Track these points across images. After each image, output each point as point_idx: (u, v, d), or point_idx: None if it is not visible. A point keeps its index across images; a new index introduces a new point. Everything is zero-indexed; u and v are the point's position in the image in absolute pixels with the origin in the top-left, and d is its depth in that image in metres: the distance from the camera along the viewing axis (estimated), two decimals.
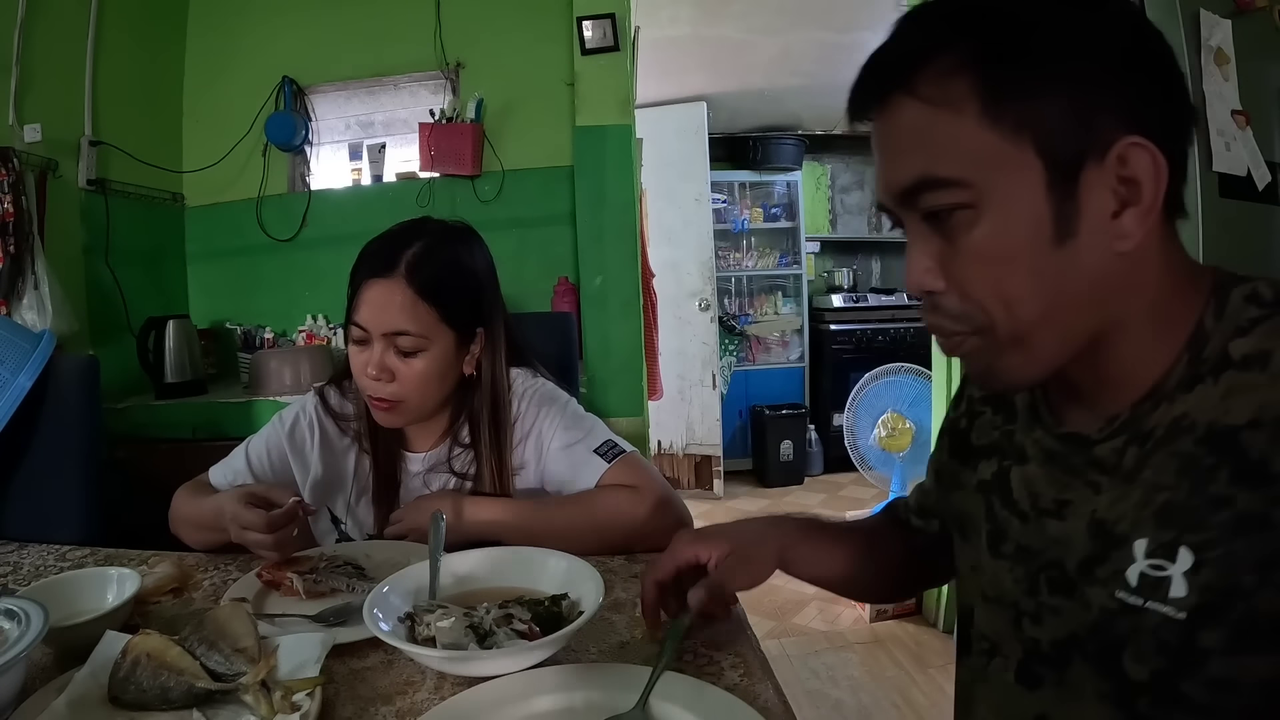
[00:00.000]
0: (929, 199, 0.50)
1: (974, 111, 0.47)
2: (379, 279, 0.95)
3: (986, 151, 0.47)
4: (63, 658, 0.70)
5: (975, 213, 0.49)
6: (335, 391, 1.10)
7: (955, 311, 0.52)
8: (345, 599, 0.81)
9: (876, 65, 0.51)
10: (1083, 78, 0.47)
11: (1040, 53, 0.46)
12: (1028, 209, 0.48)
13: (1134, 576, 0.49)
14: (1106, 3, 0.49)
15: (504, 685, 0.63)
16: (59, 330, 1.85)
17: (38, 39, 2.07)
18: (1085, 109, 0.47)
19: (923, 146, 0.49)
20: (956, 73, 0.47)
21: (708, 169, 4.35)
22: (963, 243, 0.50)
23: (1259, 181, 1.66)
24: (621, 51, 2.42)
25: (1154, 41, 0.50)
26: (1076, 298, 0.50)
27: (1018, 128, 0.47)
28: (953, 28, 0.49)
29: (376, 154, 2.67)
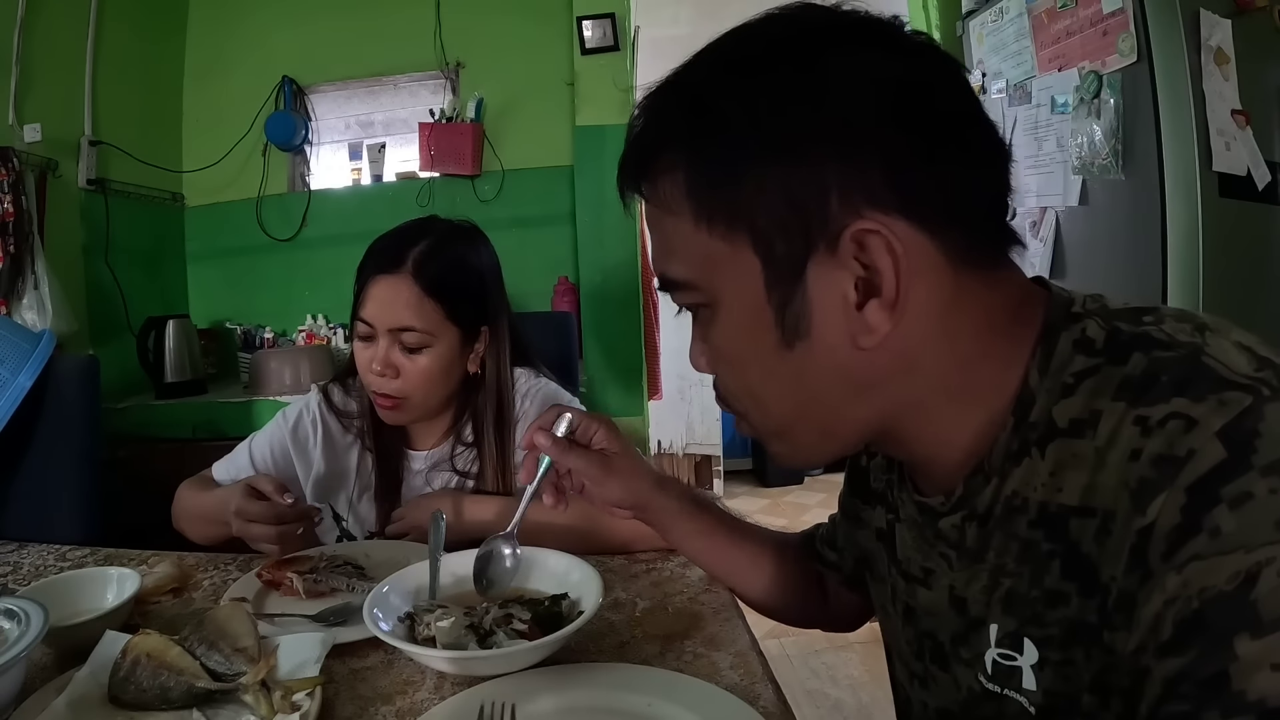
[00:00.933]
0: (675, 297, 0.49)
1: (689, 213, 0.44)
2: (386, 275, 0.96)
3: (705, 253, 0.44)
4: (63, 658, 0.70)
5: (711, 311, 0.47)
6: (339, 389, 1.10)
7: (724, 393, 0.51)
8: (345, 599, 0.81)
9: (623, 162, 0.49)
10: (800, 160, 0.41)
11: (741, 144, 0.42)
12: (750, 312, 0.44)
13: (989, 663, 0.46)
14: (841, 53, 0.42)
15: (504, 685, 0.63)
16: (59, 330, 1.85)
17: (38, 39, 2.08)
18: (805, 194, 0.41)
19: (657, 245, 0.49)
20: (671, 173, 0.45)
21: None
22: (707, 337, 0.49)
23: (1259, 181, 1.66)
24: (621, 51, 2.42)
25: (916, 77, 0.42)
26: (827, 396, 0.46)
27: (731, 226, 0.43)
28: (666, 123, 0.46)
29: (376, 154, 2.67)
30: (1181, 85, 1.61)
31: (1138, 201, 1.68)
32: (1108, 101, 1.72)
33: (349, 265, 1.00)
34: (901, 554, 0.55)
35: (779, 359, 0.45)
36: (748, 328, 0.45)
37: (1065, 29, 1.87)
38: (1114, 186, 1.75)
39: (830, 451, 0.50)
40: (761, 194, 0.42)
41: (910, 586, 0.54)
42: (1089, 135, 1.78)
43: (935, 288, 0.43)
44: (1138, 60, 1.66)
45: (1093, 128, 1.77)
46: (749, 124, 0.42)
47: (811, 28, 0.44)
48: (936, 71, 0.44)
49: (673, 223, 0.46)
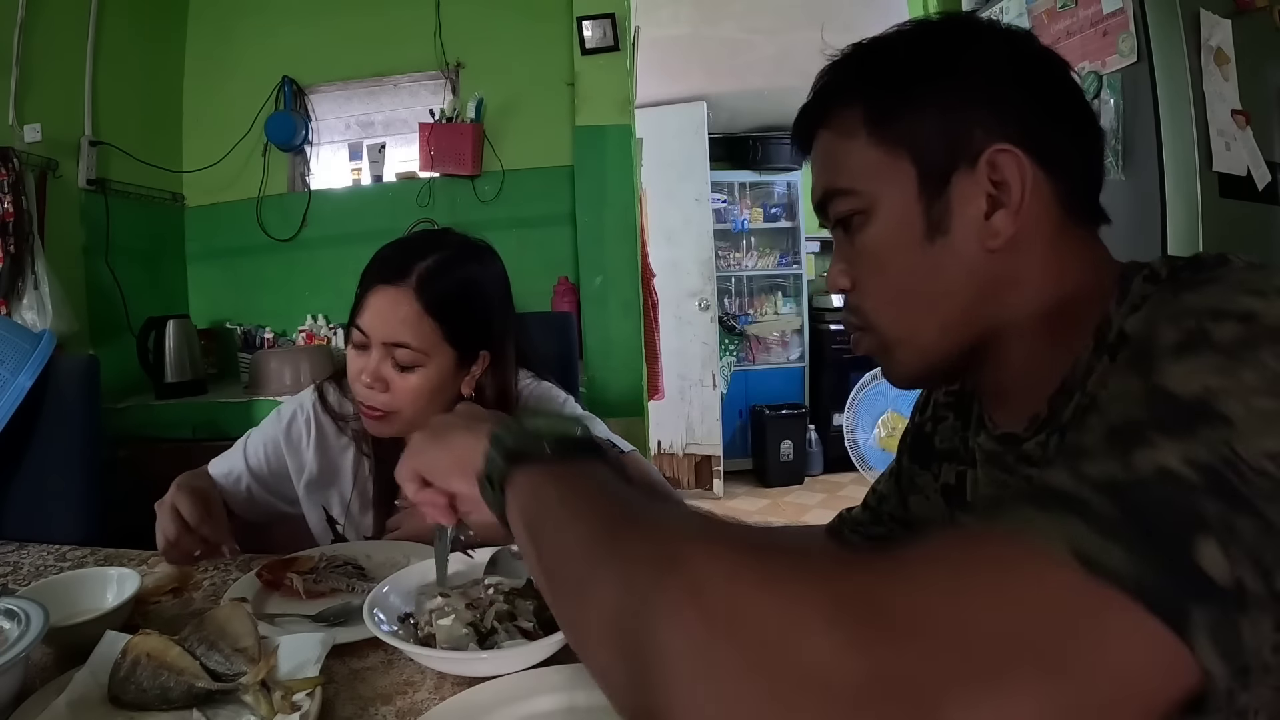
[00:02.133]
0: (833, 207, 0.58)
1: (863, 134, 0.56)
2: (388, 286, 0.92)
3: (872, 165, 0.56)
4: (63, 658, 0.70)
5: (866, 216, 0.56)
6: (335, 389, 1.08)
7: (853, 306, 0.59)
8: (345, 599, 0.81)
9: (804, 111, 0.61)
10: (951, 98, 0.54)
11: (911, 82, 0.55)
12: (903, 210, 0.55)
13: None
14: (979, 39, 0.56)
15: (504, 685, 0.63)
16: (59, 330, 1.85)
17: (38, 39, 2.08)
18: (954, 124, 0.53)
19: (829, 167, 0.59)
20: (851, 105, 0.57)
21: (708, 169, 4.34)
22: (858, 243, 0.57)
23: (1259, 181, 1.66)
24: (621, 51, 2.42)
25: (1037, 64, 0.56)
26: (952, 292, 0.55)
27: (896, 143, 0.55)
28: (849, 71, 0.59)
29: (376, 154, 2.67)
30: (1181, 85, 1.61)
31: (1138, 201, 1.68)
32: (1108, 101, 1.72)
33: (349, 265, 0.99)
34: (971, 496, 0.64)
35: (921, 253, 0.54)
36: (898, 224, 0.55)
37: (1065, 29, 1.87)
38: (1114, 186, 1.75)
39: (942, 361, 0.57)
40: (922, 118, 0.54)
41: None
42: None
43: (1045, 220, 0.53)
44: (1138, 60, 1.66)
45: None
46: (917, 68, 0.55)
47: (965, 19, 0.60)
48: (1056, 63, 0.56)
49: (846, 145, 0.57)
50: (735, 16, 3.29)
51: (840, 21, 3.32)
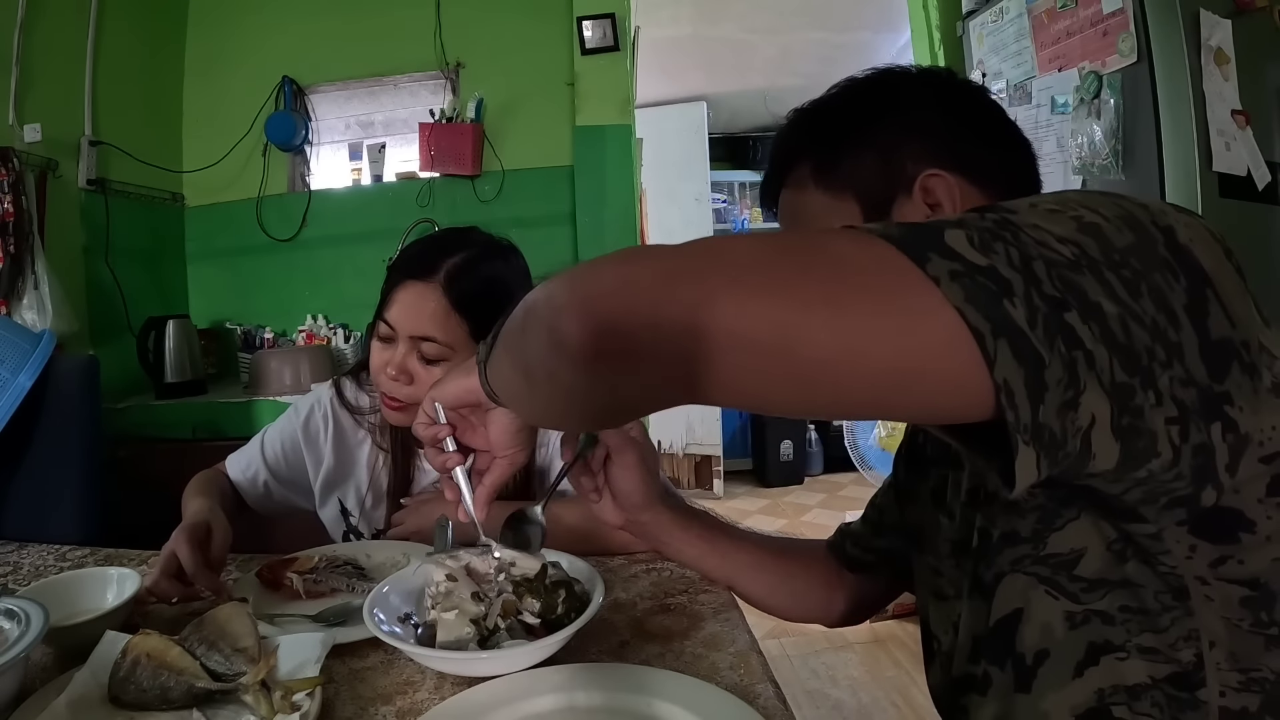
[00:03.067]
0: None
1: (811, 185, 0.63)
2: (416, 281, 0.94)
3: (822, 209, 0.62)
4: (63, 658, 0.70)
5: None
6: (352, 384, 1.10)
7: None
8: (345, 599, 0.81)
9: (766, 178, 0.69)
10: (882, 138, 0.61)
11: (846, 132, 0.62)
12: None
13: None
14: (901, 83, 0.64)
15: (504, 685, 0.63)
16: (59, 330, 1.85)
17: (38, 39, 2.07)
18: (888, 160, 0.60)
19: (789, 219, 0.66)
20: (801, 163, 0.64)
21: (708, 169, 4.34)
22: None
23: (1259, 181, 1.66)
24: (621, 51, 2.42)
25: (957, 95, 0.63)
26: None
27: (841, 188, 0.61)
28: (797, 134, 0.66)
29: (376, 154, 2.67)
30: (1181, 85, 1.61)
31: None
32: (1108, 102, 1.72)
33: (349, 265, 1.01)
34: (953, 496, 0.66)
35: None
36: None
37: (1065, 29, 1.87)
38: (1114, 187, 1.75)
39: None
40: (860, 160, 0.61)
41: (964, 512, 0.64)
42: (1089, 135, 1.78)
43: None
44: (1138, 60, 1.66)
45: (1093, 128, 1.77)
46: (849, 119, 0.63)
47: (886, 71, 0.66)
48: (975, 90, 0.64)
49: (801, 198, 0.64)
50: (735, 16, 3.29)
51: (840, 21, 3.33)
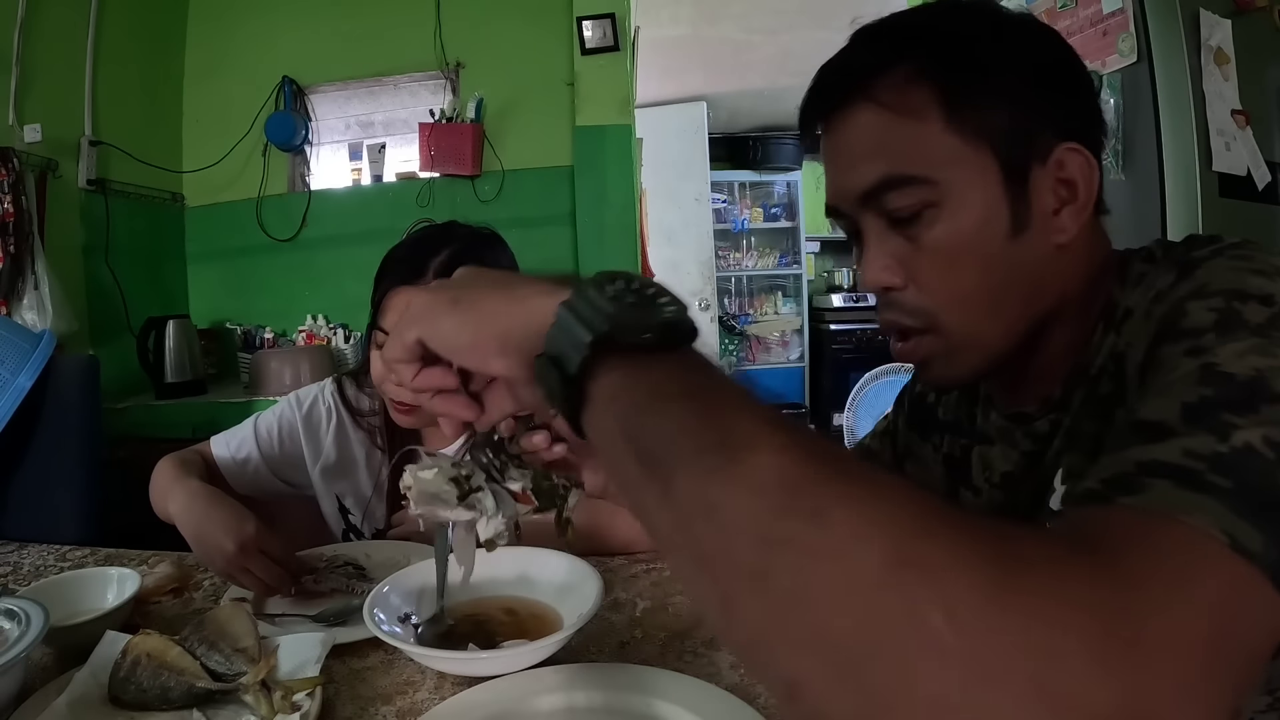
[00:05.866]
0: (894, 198, 0.53)
1: (937, 117, 0.52)
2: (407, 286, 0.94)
3: (949, 153, 0.52)
4: (63, 658, 0.70)
5: (937, 210, 0.52)
6: (352, 384, 1.10)
7: (911, 307, 0.55)
8: (345, 599, 0.81)
9: (835, 76, 0.56)
10: (1023, 90, 0.52)
11: (986, 67, 0.52)
12: (987, 205, 0.52)
13: (1056, 502, 0.55)
14: (1028, 25, 0.56)
15: (504, 685, 0.62)
16: (59, 330, 1.85)
17: (38, 39, 2.07)
18: (1027, 118, 0.52)
19: (885, 149, 0.53)
20: (915, 82, 0.52)
21: (708, 169, 4.35)
22: (925, 239, 0.53)
23: (1259, 181, 1.66)
24: (621, 51, 2.42)
25: (1074, 58, 0.56)
26: (1022, 290, 0.54)
27: (976, 133, 0.52)
28: (907, 41, 0.54)
29: (376, 154, 2.67)
30: (1181, 85, 1.61)
31: (1138, 201, 1.68)
32: (1108, 101, 1.72)
33: (349, 265, 1.01)
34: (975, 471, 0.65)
35: (1002, 249, 0.53)
36: (981, 220, 0.52)
37: (1065, 29, 1.87)
38: (1114, 186, 1.75)
39: (999, 358, 0.56)
40: (1000, 109, 0.52)
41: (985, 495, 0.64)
42: None
43: (1090, 214, 0.55)
44: (1138, 60, 1.66)
45: None
46: (997, 56, 0.53)
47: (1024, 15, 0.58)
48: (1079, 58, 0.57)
49: (914, 128, 0.52)
50: (735, 16, 3.29)
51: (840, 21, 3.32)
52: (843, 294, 4.86)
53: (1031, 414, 0.59)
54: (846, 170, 0.55)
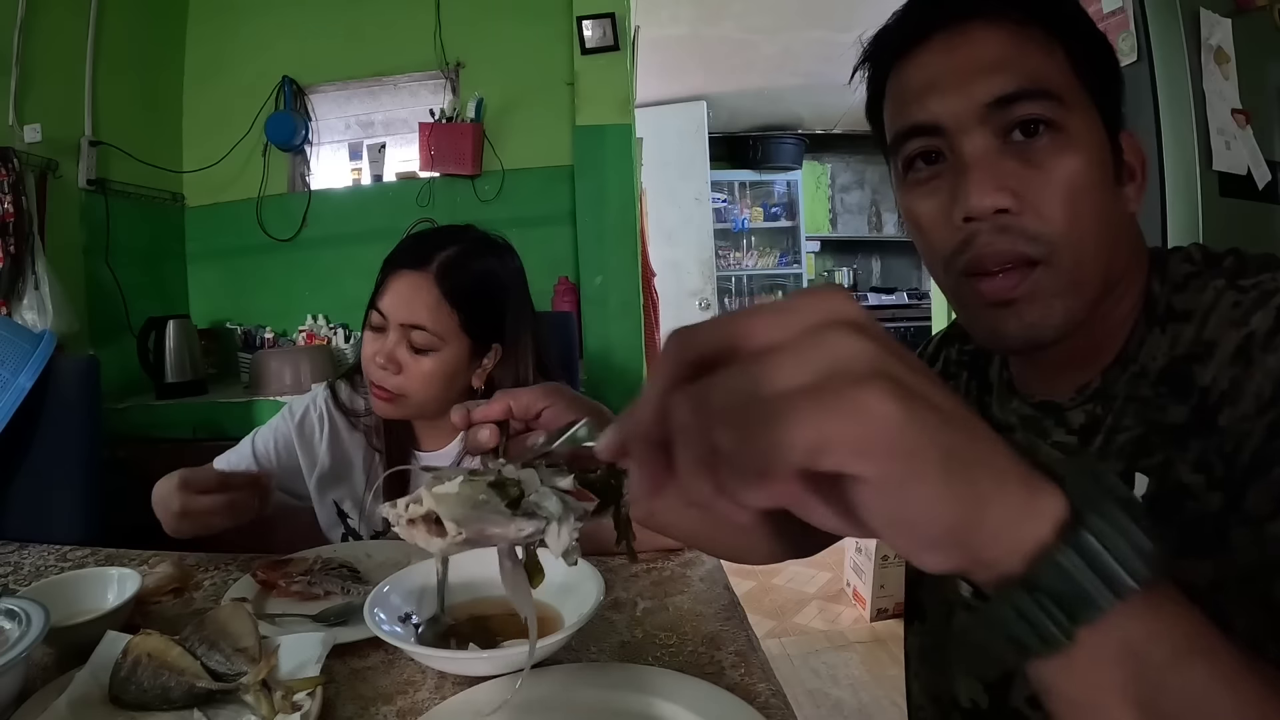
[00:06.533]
0: (1027, 108, 0.50)
1: (1061, 57, 0.52)
2: (409, 271, 0.96)
3: (1071, 87, 0.51)
4: (63, 658, 0.70)
5: (1063, 138, 0.51)
6: (347, 386, 1.11)
7: (1033, 232, 0.50)
8: (346, 599, 0.81)
9: None
10: (1110, 65, 0.55)
11: (1092, 32, 0.54)
12: (1100, 148, 0.52)
13: None
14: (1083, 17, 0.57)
15: (504, 685, 0.63)
16: (59, 330, 1.85)
17: (38, 39, 2.07)
18: (1115, 89, 0.54)
19: (1020, 63, 0.51)
20: (1051, 24, 0.52)
21: (708, 168, 4.35)
22: (1048, 165, 0.51)
23: (1259, 181, 1.66)
24: (621, 51, 2.42)
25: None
26: (1116, 243, 0.53)
27: (1087, 80, 0.52)
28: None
29: (376, 154, 2.67)
30: (1181, 85, 1.61)
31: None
32: None
33: (349, 265, 1.01)
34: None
35: (1108, 197, 0.53)
36: (1098, 159, 0.52)
37: None
38: None
39: (1082, 314, 0.53)
40: (1103, 76, 0.54)
41: None
42: None
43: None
44: (1138, 60, 1.66)
45: None
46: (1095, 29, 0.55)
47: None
48: None
49: (1045, 53, 0.52)
50: (735, 16, 3.29)
51: (840, 21, 3.33)
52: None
53: (1063, 404, 0.58)
54: (970, 80, 0.51)
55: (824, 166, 5.16)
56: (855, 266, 5.18)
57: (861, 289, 5.08)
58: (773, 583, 2.87)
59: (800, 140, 4.88)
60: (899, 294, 4.85)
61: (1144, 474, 0.51)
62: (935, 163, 0.54)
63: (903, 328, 4.61)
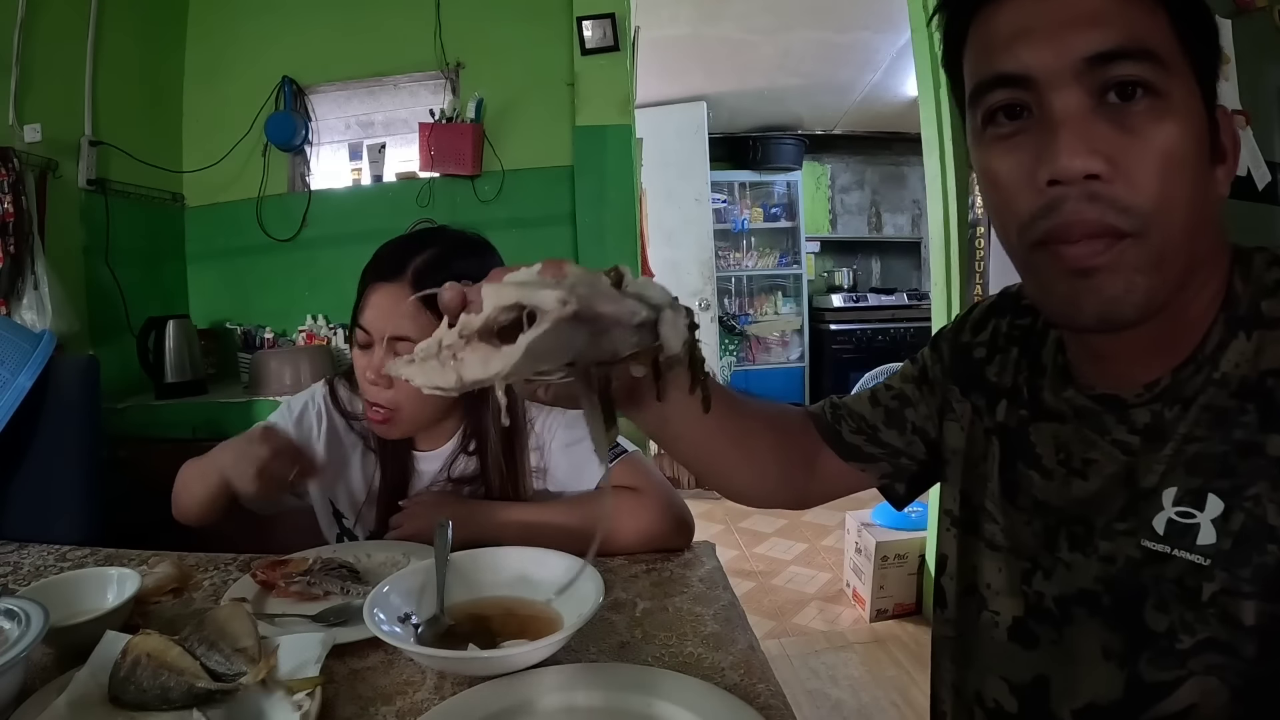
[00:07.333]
0: (1126, 68, 0.46)
1: (1164, 19, 0.47)
2: (386, 283, 0.95)
3: (1174, 53, 0.47)
4: (63, 658, 0.70)
5: (1164, 104, 0.46)
6: (345, 386, 1.10)
7: (1125, 203, 0.46)
8: (345, 599, 0.81)
9: None
10: (1213, 33, 0.49)
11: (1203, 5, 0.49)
12: (1198, 120, 0.48)
13: (1161, 524, 0.50)
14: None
15: (504, 685, 0.62)
16: (59, 330, 1.85)
17: (38, 39, 2.08)
18: (1213, 64, 0.49)
19: (1123, 18, 0.47)
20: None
21: (708, 169, 4.35)
22: (1146, 132, 0.46)
23: (1259, 181, 1.66)
24: (621, 51, 2.42)
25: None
26: (1204, 225, 0.49)
27: (1189, 50, 0.48)
28: None
29: (376, 154, 2.67)
30: None
31: None
32: None
33: (349, 265, 1.00)
34: (1043, 450, 0.59)
35: (1204, 173, 0.49)
36: (1196, 132, 0.48)
37: None
38: None
39: (1163, 298, 0.49)
40: (1207, 45, 0.49)
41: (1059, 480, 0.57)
42: None
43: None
44: None
45: None
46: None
47: None
48: None
49: (1150, 13, 0.47)
50: (735, 16, 3.29)
51: (840, 21, 3.33)
52: (843, 294, 4.86)
53: (1127, 400, 0.53)
54: (1068, 30, 0.47)
55: (824, 167, 5.17)
56: (855, 267, 5.18)
57: (861, 289, 5.08)
58: (772, 583, 2.87)
59: (800, 140, 4.88)
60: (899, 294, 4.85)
61: (1218, 496, 0.48)
62: (1020, 117, 0.50)
63: (902, 328, 4.61)
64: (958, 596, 0.65)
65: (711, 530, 3.38)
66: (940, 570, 0.68)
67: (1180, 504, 0.49)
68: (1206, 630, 0.48)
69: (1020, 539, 0.59)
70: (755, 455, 0.71)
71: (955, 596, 0.66)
